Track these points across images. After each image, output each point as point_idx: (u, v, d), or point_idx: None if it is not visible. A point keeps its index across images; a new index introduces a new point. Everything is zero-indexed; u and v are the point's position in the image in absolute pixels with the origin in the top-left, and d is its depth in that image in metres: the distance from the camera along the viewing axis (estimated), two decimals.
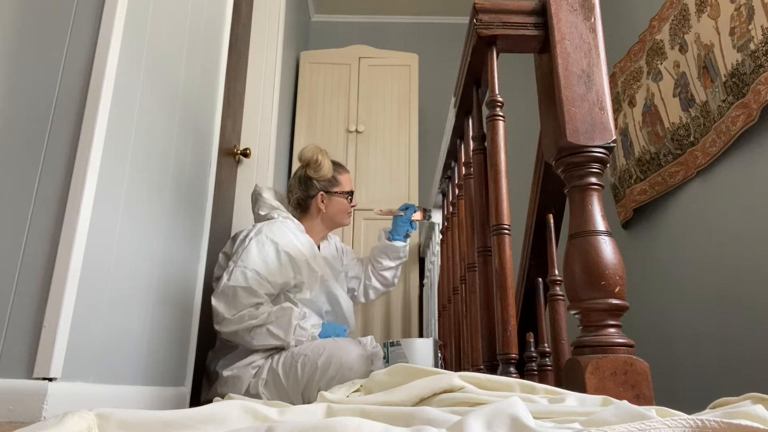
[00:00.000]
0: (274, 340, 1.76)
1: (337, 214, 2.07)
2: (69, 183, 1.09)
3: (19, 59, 1.16)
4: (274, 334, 1.75)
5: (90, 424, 0.50)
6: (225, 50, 2.03)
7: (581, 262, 0.87)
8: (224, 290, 1.76)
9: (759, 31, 1.85)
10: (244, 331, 1.74)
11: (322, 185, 2.04)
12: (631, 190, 2.78)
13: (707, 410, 0.63)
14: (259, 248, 1.82)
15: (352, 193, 2.12)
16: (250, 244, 1.83)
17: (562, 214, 1.44)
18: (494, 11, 1.11)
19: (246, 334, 1.74)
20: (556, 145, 0.95)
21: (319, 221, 2.07)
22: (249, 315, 1.74)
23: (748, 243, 1.98)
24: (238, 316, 1.74)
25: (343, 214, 2.09)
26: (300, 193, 2.06)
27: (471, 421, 0.47)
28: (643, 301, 2.65)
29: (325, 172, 2.04)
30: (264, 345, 1.77)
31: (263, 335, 1.75)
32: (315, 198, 2.04)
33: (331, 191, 2.05)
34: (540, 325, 1.55)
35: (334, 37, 3.76)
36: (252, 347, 1.78)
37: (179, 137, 1.61)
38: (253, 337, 1.74)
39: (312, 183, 2.04)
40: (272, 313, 1.76)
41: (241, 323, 1.73)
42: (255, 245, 1.83)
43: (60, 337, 1.02)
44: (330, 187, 2.05)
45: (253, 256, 1.80)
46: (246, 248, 1.82)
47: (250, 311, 1.75)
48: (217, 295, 1.77)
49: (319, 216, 2.06)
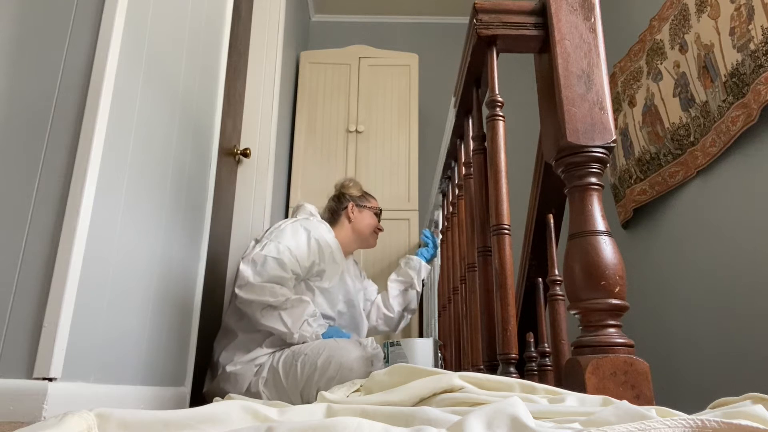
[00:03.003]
0: (280, 326, 1.78)
1: (365, 228, 2.21)
2: (69, 183, 1.09)
3: (19, 59, 1.16)
4: (284, 321, 1.78)
5: (90, 424, 0.50)
6: (225, 50, 2.03)
7: (581, 262, 0.87)
8: (255, 257, 1.83)
9: (759, 31, 1.85)
10: (258, 305, 1.77)
11: (353, 199, 2.24)
12: (631, 190, 2.78)
13: (707, 410, 0.63)
14: (293, 231, 1.96)
15: (381, 212, 2.29)
16: (285, 227, 1.97)
17: (562, 214, 1.44)
18: (494, 11, 1.11)
19: (258, 309, 1.78)
20: (556, 145, 0.95)
21: (347, 231, 2.19)
22: (270, 291, 1.79)
23: (748, 243, 1.98)
24: (261, 285, 1.78)
25: (370, 230, 2.23)
26: (333, 204, 2.26)
27: (471, 421, 0.47)
28: (643, 301, 2.65)
29: (355, 191, 2.27)
30: (270, 327, 1.79)
31: (273, 318, 1.78)
32: (346, 208, 2.22)
33: (362, 205, 2.23)
34: (540, 325, 1.55)
35: (334, 37, 3.76)
36: (258, 324, 1.81)
37: (179, 137, 1.61)
38: (263, 315, 1.78)
39: (344, 197, 2.25)
40: (290, 300, 1.80)
41: (261, 295, 1.77)
42: (290, 228, 1.97)
43: (60, 337, 1.02)
44: (360, 201, 2.24)
45: (288, 235, 1.93)
46: (281, 230, 1.95)
47: (272, 287, 1.80)
48: (246, 261, 1.84)
49: (348, 226, 2.20)
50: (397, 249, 2.99)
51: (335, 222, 2.20)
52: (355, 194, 2.25)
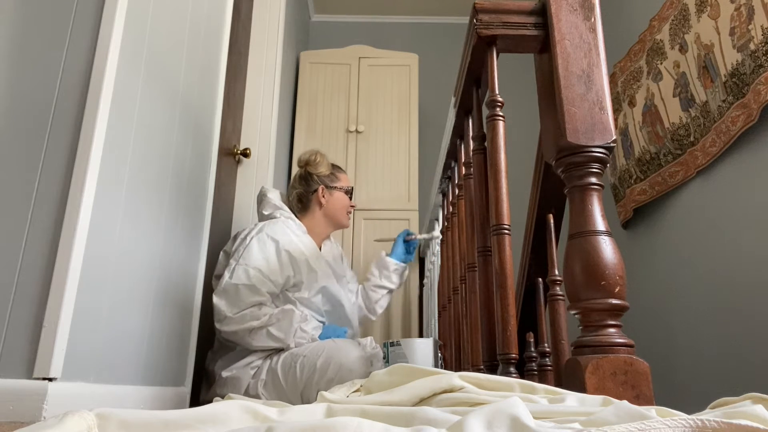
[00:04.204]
0: (274, 342, 1.76)
1: (338, 210, 2.09)
2: (69, 183, 1.09)
3: (19, 59, 1.16)
4: (275, 336, 1.75)
5: (90, 424, 0.50)
6: (225, 50, 2.03)
7: (581, 262, 0.87)
8: (226, 288, 1.76)
9: (759, 31, 1.85)
10: (244, 332, 1.73)
11: (322, 180, 2.09)
12: (631, 190, 2.78)
13: (707, 410, 0.63)
14: (260, 246, 1.83)
15: (351, 190, 2.15)
16: (251, 243, 1.83)
17: (562, 214, 1.44)
18: (494, 11, 1.11)
19: (246, 335, 1.74)
20: (556, 145, 0.95)
21: (320, 218, 2.08)
22: (251, 315, 1.74)
23: (748, 243, 1.98)
24: (240, 315, 1.73)
25: (344, 211, 2.11)
26: (301, 188, 2.09)
27: (471, 421, 0.47)
28: (643, 301, 2.65)
29: (323, 168, 2.10)
30: (264, 346, 1.76)
31: (263, 337, 1.74)
32: (316, 192, 2.07)
33: (331, 186, 2.09)
34: (540, 325, 1.55)
35: (334, 37, 3.76)
36: (251, 348, 1.78)
37: (179, 137, 1.61)
38: (253, 338, 1.74)
39: (312, 178, 2.09)
40: (274, 315, 1.76)
41: (243, 323, 1.73)
42: (256, 243, 1.84)
43: (60, 337, 1.02)
44: (330, 182, 2.10)
45: (255, 254, 1.81)
46: (247, 246, 1.83)
47: (252, 311, 1.75)
48: (218, 293, 1.77)
49: (320, 212, 2.08)
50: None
51: (306, 210, 2.07)
52: (323, 172, 2.09)
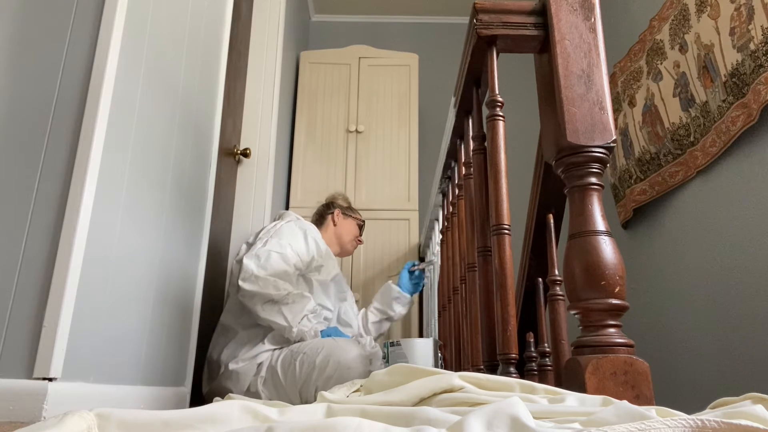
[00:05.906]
0: (281, 320, 1.80)
1: (346, 234, 2.32)
2: (69, 183, 1.09)
3: (19, 59, 1.16)
4: (284, 315, 1.81)
5: (90, 424, 0.50)
6: (225, 50, 2.03)
7: (581, 262, 0.87)
8: (259, 253, 1.88)
9: (759, 31, 1.85)
10: (260, 298, 1.80)
11: (340, 206, 2.38)
12: (631, 190, 2.78)
13: (707, 410, 0.63)
14: (289, 230, 2.02)
15: (363, 225, 2.41)
16: (281, 227, 2.03)
17: (562, 214, 1.44)
18: (494, 11, 1.11)
19: (259, 302, 1.80)
20: (556, 145, 0.95)
21: (331, 234, 2.30)
22: (273, 285, 1.82)
23: (747, 243, 1.98)
24: (264, 279, 1.82)
25: (351, 238, 2.34)
26: (321, 208, 2.39)
27: (471, 421, 0.47)
28: (643, 301, 2.65)
29: (343, 201, 2.42)
30: (269, 320, 1.81)
31: (274, 312, 1.80)
32: (332, 213, 2.34)
33: (347, 213, 2.37)
34: (540, 325, 1.55)
35: (334, 37, 3.76)
36: (258, 318, 1.83)
37: (179, 137, 1.61)
38: (264, 308, 1.81)
39: (333, 204, 2.39)
40: (292, 294, 1.83)
41: (264, 288, 1.81)
42: (286, 228, 2.03)
43: (60, 337, 1.02)
44: (346, 211, 2.38)
45: (286, 234, 1.99)
46: (278, 230, 2.01)
47: (275, 281, 1.83)
48: (249, 256, 1.87)
49: (332, 229, 2.31)
50: (396, 249, 2.99)
51: (321, 224, 2.33)
52: (342, 204, 2.40)
